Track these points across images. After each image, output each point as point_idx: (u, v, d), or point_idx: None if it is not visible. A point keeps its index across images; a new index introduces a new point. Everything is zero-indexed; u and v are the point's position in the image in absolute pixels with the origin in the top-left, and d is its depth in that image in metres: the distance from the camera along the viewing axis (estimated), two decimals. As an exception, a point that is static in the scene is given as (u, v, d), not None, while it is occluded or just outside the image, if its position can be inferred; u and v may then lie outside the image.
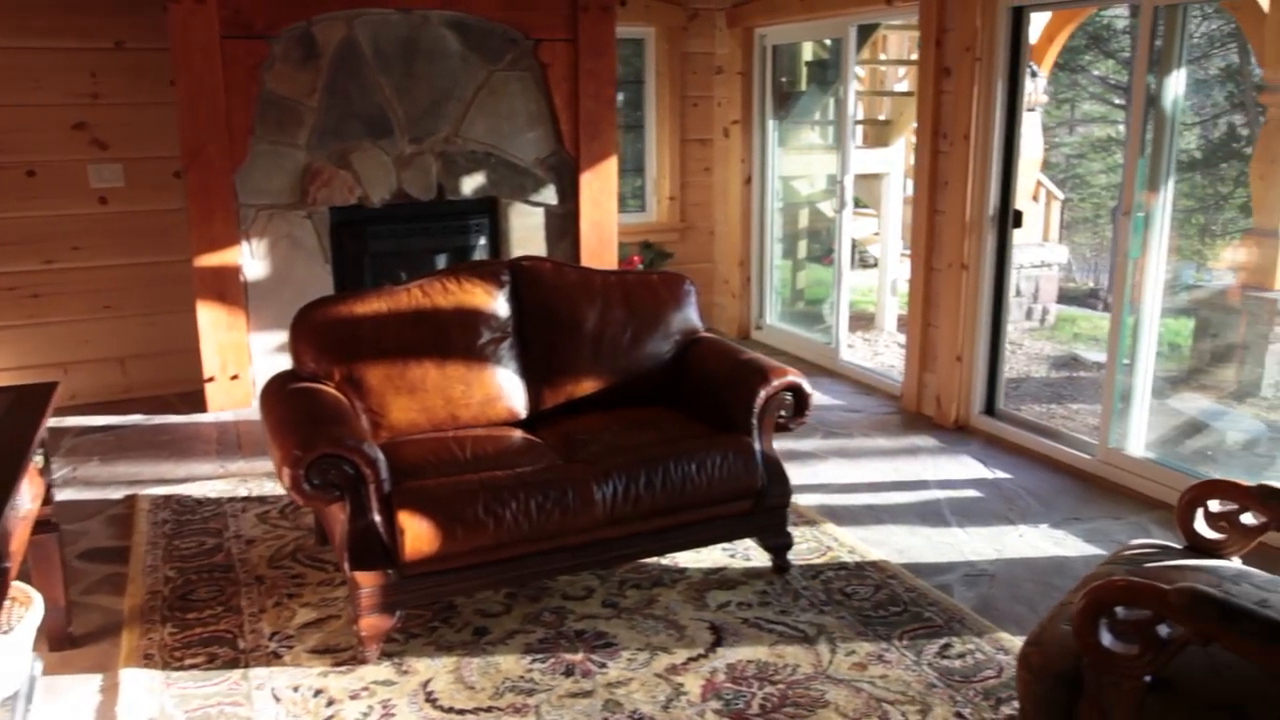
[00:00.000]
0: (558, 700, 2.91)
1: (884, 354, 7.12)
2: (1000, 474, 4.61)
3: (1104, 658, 2.04)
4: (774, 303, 7.08)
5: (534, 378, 3.76)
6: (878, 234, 8.39)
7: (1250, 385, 6.02)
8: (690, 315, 3.98)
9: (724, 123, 6.96)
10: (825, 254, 7.46)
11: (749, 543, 3.79)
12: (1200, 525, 2.59)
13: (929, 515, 4.17)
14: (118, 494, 4.40)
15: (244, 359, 5.48)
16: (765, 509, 3.54)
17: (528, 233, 6.08)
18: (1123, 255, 4.44)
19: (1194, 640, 1.96)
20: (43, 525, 3.02)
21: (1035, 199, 8.59)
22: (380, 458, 3.07)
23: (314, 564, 3.74)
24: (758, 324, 7.08)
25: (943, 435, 5.11)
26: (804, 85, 7.35)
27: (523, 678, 3.03)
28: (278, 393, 3.43)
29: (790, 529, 3.84)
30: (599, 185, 6.11)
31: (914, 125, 5.56)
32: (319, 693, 2.95)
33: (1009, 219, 5.00)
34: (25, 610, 2.82)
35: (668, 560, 3.72)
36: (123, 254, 5.53)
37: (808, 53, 7.33)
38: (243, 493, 4.41)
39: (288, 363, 3.68)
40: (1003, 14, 4.79)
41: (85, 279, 5.49)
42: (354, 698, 2.93)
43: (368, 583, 3.04)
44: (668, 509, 3.36)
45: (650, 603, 3.44)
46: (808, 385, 3.58)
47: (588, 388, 3.79)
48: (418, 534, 3.03)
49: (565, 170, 6.07)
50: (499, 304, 3.73)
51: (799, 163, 7.45)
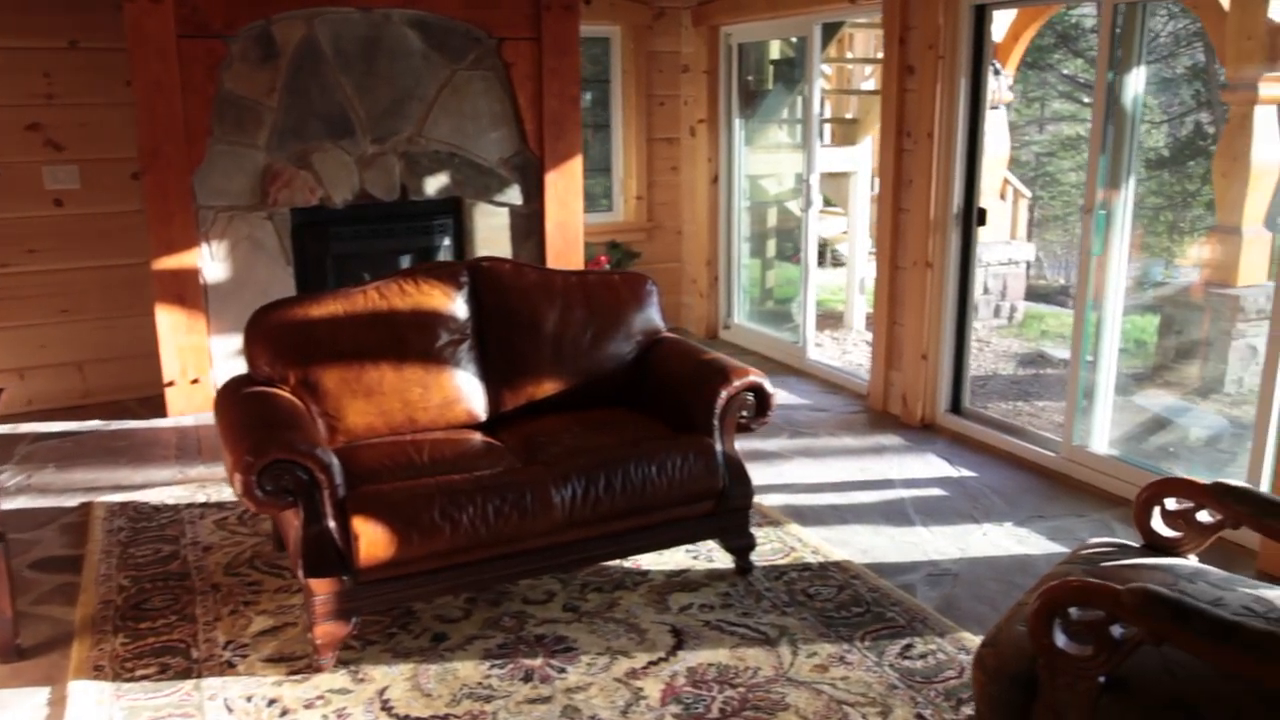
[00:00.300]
0: (515, 707, 2.87)
1: (852, 352, 7.11)
2: (965, 472, 4.61)
3: (1058, 659, 2.02)
4: (742, 302, 7.06)
5: (493, 380, 3.72)
6: (846, 232, 8.39)
7: (1214, 381, 6.05)
8: (652, 315, 3.95)
9: (690, 122, 6.94)
10: (794, 253, 7.44)
11: (712, 544, 3.76)
12: (1157, 523, 2.59)
13: (894, 515, 4.16)
14: (73, 501, 4.33)
15: (204, 363, 5.41)
16: (727, 510, 3.52)
17: (493, 233, 6.03)
18: (1085, 253, 4.44)
19: (1147, 640, 1.94)
20: (-13, 535, 2.96)
21: (1003, 197, 8.62)
22: (334, 462, 3.02)
23: (271, 570, 3.68)
24: (725, 323, 7.06)
25: (909, 434, 5.11)
26: (770, 84, 7.33)
27: (480, 684, 2.99)
28: (231, 397, 3.37)
29: (754, 530, 3.82)
30: (564, 185, 6.08)
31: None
32: (273, 702, 2.90)
33: (973, 217, 5.01)
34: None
35: (630, 562, 3.69)
36: (80, 257, 5.44)
37: (774, 51, 7.32)
38: (201, 499, 4.34)
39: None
40: (965, 12, 4.79)
41: (41, 282, 5.39)
42: (308, 707, 2.88)
43: (322, 590, 2.99)
44: (628, 511, 3.32)
45: (611, 606, 3.41)
46: (769, 385, 3.55)
47: (548, 389, 3.75)
48: (373, 539, 2.98)
49: (530, 170, 6.02)
50: (457, 305, 3.68)
51: (767, 162, 7.43)
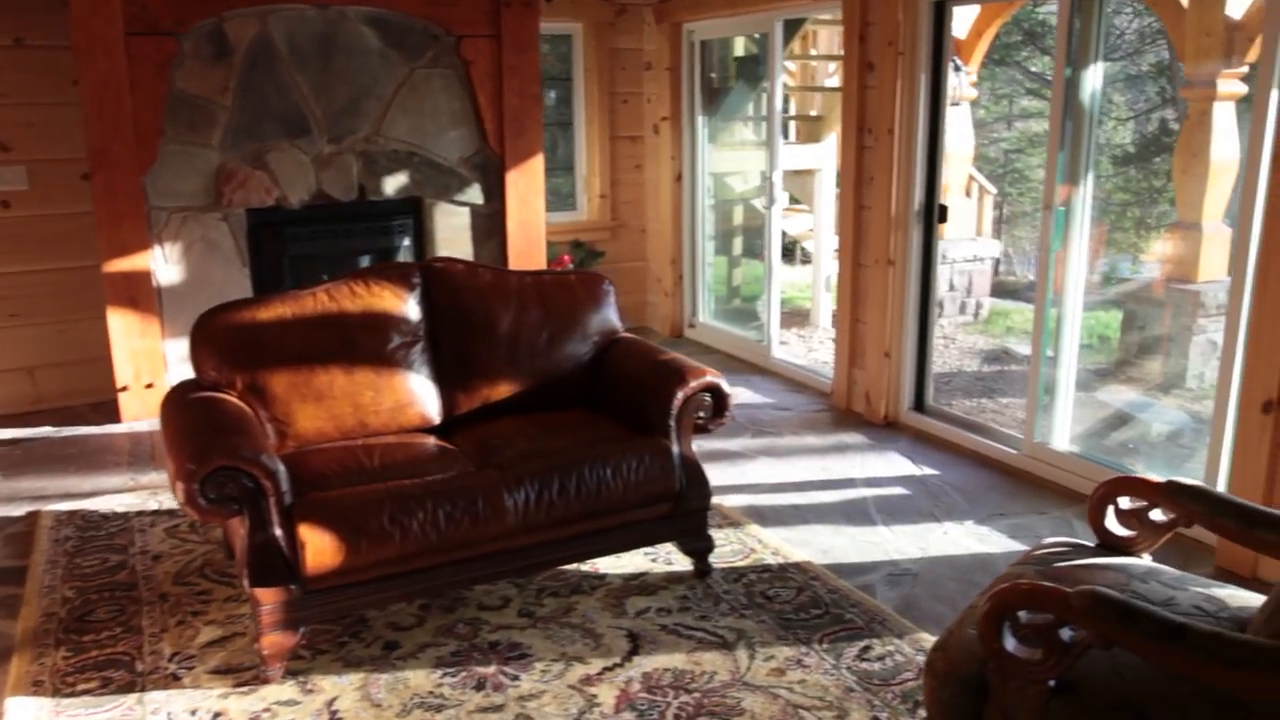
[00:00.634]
0: (467, 716, 2.81)
1: (818, 350, 7.09)
2: (928, 470, 4.59)
3: (1008, 662, 1.99)
4: (707, 300, 7.03)
5: (447, 382, 3.66)
6: (814, 230, 8.37)
7: (1175, 377, 6.07)
8: (609, 315, 3.91)
9: (654, 119, 6.89)
10: (761, 251, 7.41)
11: (671, 547, 3.72)
12: (1112, 522, 2.57)
13: (855, 514, 4.13)
14: (19, 510, 4.23)
15: (158, 367, 5.31)
16: (685, 512, 3.48)
17: (453, 233, 5.97)
18: (1045, 249, 4.43)
19: (1096, 643, 1.92)
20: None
21: (968, 194, 8.63)
22: (280, 469, 2.95)
23: (222, 579, 3.61)
24: (691, 322, 7.02)
25: (872, 432, 5.08)
26: (733, 81, 7.30)
27: (432, 693, 2.93)
28: (176, 403, 3.29)
29: (714, 531, 3.79)
30: (525, 184, 6.02)
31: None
32: (218, 716, 2.83)
33: (934, 214, 4.99)
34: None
35: (588, 566, 3.64)
36: (29, 260, 5.32)
37: (738, 48, 7.28)
38: (153, 506, 4.25)
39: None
40: (925, 8, 4.77)
41: (-11, 286, 5.29)
42: (254, 720, 2.82)
43: (269, 599, 2.92)
44: (583, 515, 3.28)
45: (568, 611, 3.36)
46: (726, 385, 3.52)
47: (503, 391, 3.70)
48: (320, 547, 2.92)
49: (491, 169, 5.96)
50: (409, 307, 3.62)
51: (732, 159, 7.40)
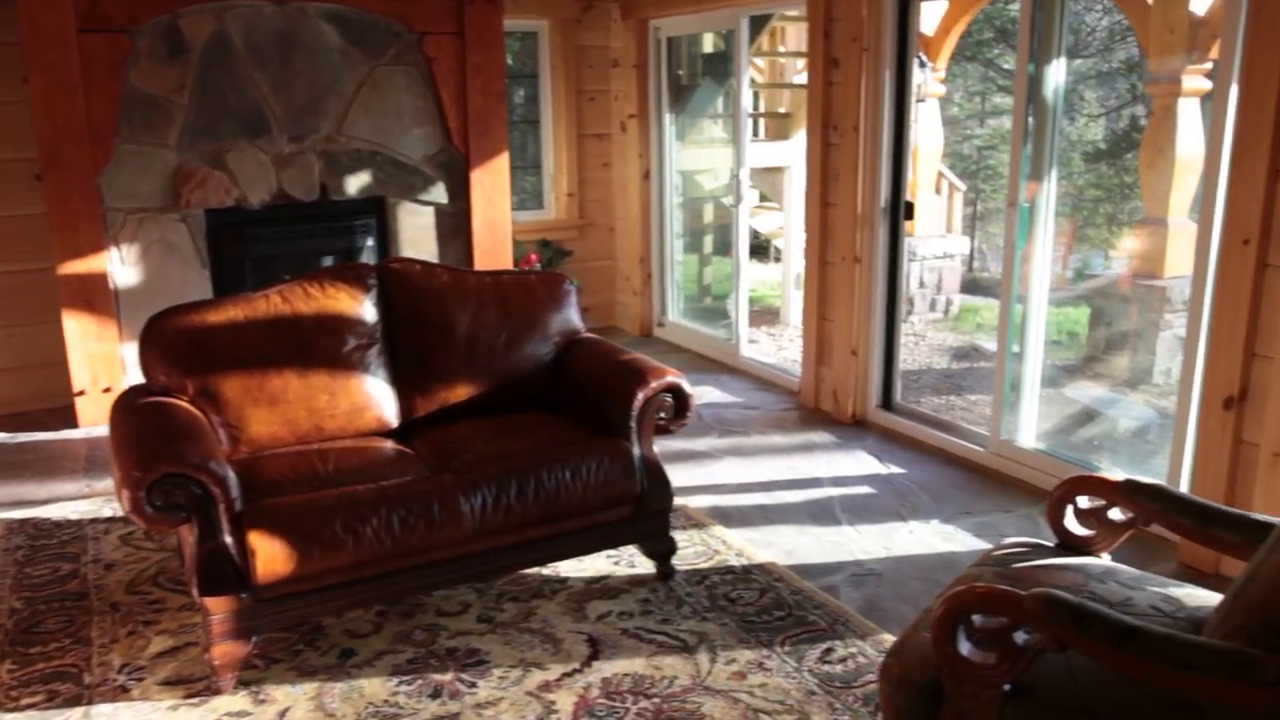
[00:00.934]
0: (421, 726, 2.77)
1: (788, 348, 7.07)
2: (894, 469, 4.56)
3: (962, 667, 1.96)
4: (676, 299, 6.99)
5: (405, 385, 3.60)
6: (783, 227, 8.35)
7: (1142, 373, 6.08)
8: (570, 316, 3.86)
9: (621, 117, 6.85)
10: (731, 249, 7.38)
11: (634, 549, 3.68)
12: (1071, 522, 2.54)
13: (820, 514, 4.10)
14: (-30, 518, 4.14)
15: (116, 371, 5.22)
16: (646, 515, 3.43)
17: (418, 233, 5.90)
18: (1009, 246, 4.42)
19: (1050, 647, 1.89)
20: None
21: (938, 191, 8.63)
22: (230, 475, 2.89)
23: (176, 588, 3.54)
24: (660, 321, 6.98)
25: (839, 431, 5.06)
26: (701, 78, 7.26)
27: (387, 701, 2.87)
28: (125, 409, 3.24)
29: (679, 532, 3.76)
30: (490, 183, 5.96)
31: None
32: (166, 728, 2.77)
33: (900, 211, 4.97)
34: None
35: (549, 570, 3.59)
36: (-19, 262, 5.23)
37: (707, 44, 7.24)
38: (108, 513, 4.17)
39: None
40: (889, 4, 4.74)
41: (-59, 290, 5.19)
42: (203, 732, 2.76)
43: (219, 609, 2.86)
44: (542, 519, 3.23)
45: (528, 616, 3.31)
46: (688, 386, 3.47)
47: (462, 394, 3.64)
48: (270, 555, 2.86)
49: (455, 168, 5.89)
50: (365, 308, 3.56)
51: (701, 157, 7.36)
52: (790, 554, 3.75)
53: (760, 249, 10.65)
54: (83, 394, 5.15)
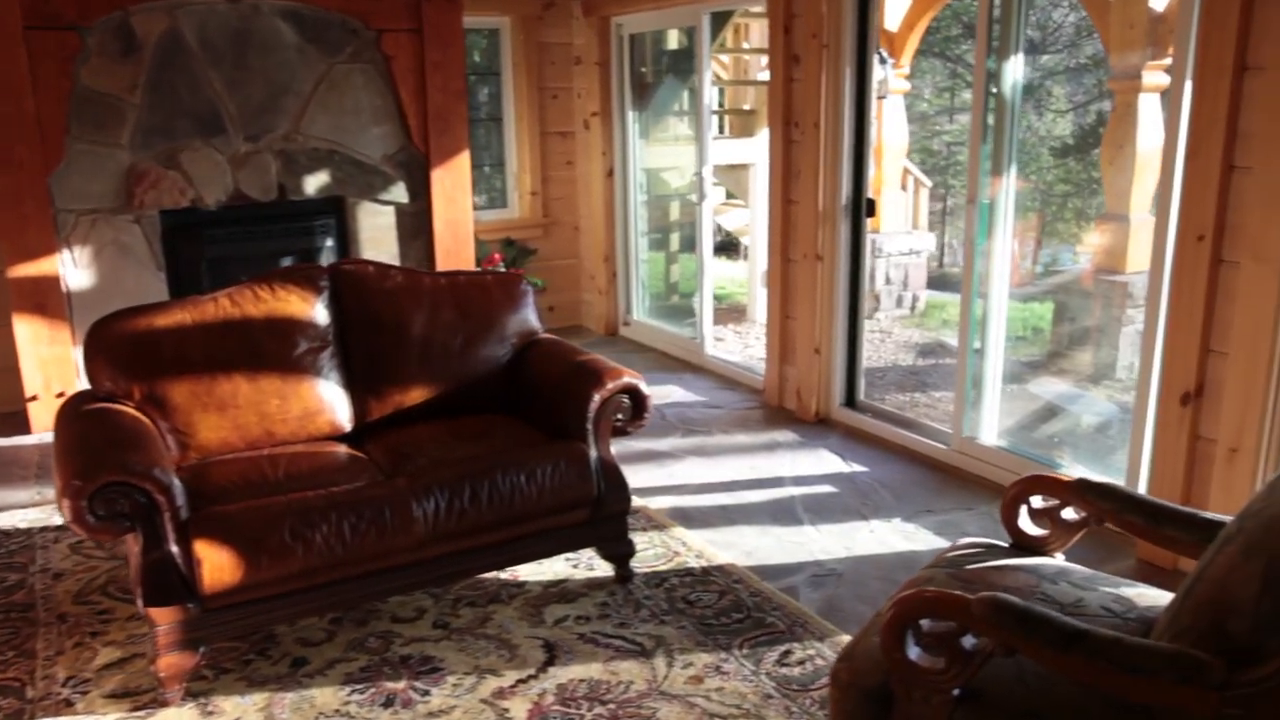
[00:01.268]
0: (372, 736, 2.72)
1: (754, 346, 7.05)
2: (857, 467, 4.55)
3: (911, 672, 1.94)
4: (642, 298, 6.95)
5: (358, 388, 3.54)
6: (749, 224, 8.33)
7: (1105, 368, 6.11)
8: (527, 316, 3.81)
9: (584, 115, 6.80)
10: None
11: (593, 551, 3.64)
12: (1025, 522, 2.53)
13: (782, 514, 4.08)
14: (-85, 528, 4.05)
15: (70, 375, 5.12)
16: (603, 517, 3.39)
17: (379, 233, 5.84)
18: (969, 243, 4.41)
19: (999, 651, 1.87)
20: None
21: (904, 187, 8.64)
22: (175, 483, 2.82)
23: (125, 597, 3.46)
24: (625, 320, 6.94)
25: (803, 429, 5.04)
26: (663, 75, 7.23)
27: (338, 711, 2.82)
28: (69, 416, 3.15)
29: (638, 534, 3.73)
30: (452, 181, 5.90)
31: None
32: (110, 743, 2.71)
33: (862, 208, 4.95)
34: None
35: (507, 574, 3.55)
36: (-71, 265, 5.11)
37: (671, 41, 7.21)
38: (58, 521, 4.09)
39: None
40: (849, 0, 4.72)
41: (-112, 294, 5.07)
42: (148, 746, 2.70)
43: (164, 619, 2.80)
44: (497, 523, 3.18)
45: (484, 621, 3.27)
46: (645, 387, 3.44)
47: (417, 397, 3.59)
48: (217, 564, 2.80)
49: (415, 167, 5.83)
50: (317, 311, 3.50)
51: (667, 154, 7.34)
52: (750, 555, 3.72)
53: (731, 246, 10.64)
54: (35, 399, 5.06)
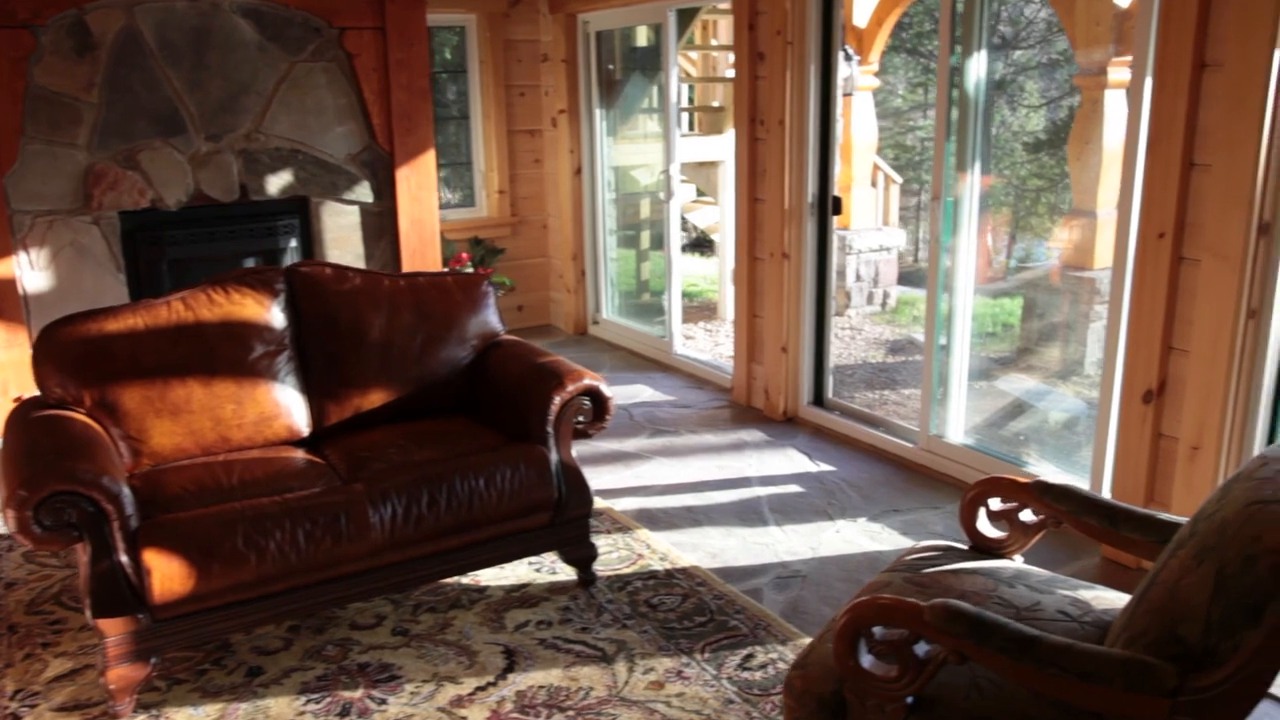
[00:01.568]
0: (327, 747, 2.68)
1: (724, 344, 7.03)
2: (825, 467, 4.53)
3: (864, 680, 1.91)
4: (611, 296, 6.92)
5: (316, 392, 3.49)
6: (719, 222, 8.31)
7: (1073, 364, 6.12)
8: (488, 318, 3.77)
9: (552, 112, 6.75)
10: (667, 244, 7.31)
11: (556, 555, 3.61)
12: (984, 524, 2.52)
13: (747, 514, 4.06)
14: None
15: (28, 380, 5.01)
16: (565, 521, 3.36)
17: (343, 233, 5.77)
18: (934, 240, 4.40)
19: (951, 658, 1.85)
20: None
21: (874, 184, 8.63)
22: (124, 492, 2.77)
23: (78, 607, 3.40)
24: (594, 319, 6.90)
25: (771, 428, 5.02)
26: (631, 73, 7.19)
27: (293, 723, 2.78)
28: (18, 423, 3.09)
29: (602, 536, 3.71)
30: (417, 181, 5.84)
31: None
32: (58, 757, 2.66)
33: (829, 206, 4.94)
34: None
35: (469, 579, 3.51)
36: (-118, 269, 5.01)
37: (639, 38, 7.17)
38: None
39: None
40: (813, -3, 4.70)
41: None
42: (97, 761, 2.64)
43: (114, 630, 2.75)
44: (456, 528, 3.15)
45: (444, 627, 3.23)
46: (606, 389, 3.40)
47: (376, 400, 3.54)
48: (168, 573, 2.75)
49: (380, 166, 5.77)
50: (273, 314, 3.44)
51: (635, 152, 7.29)
52: (715, 556, 3.70)
53: (704, 243, 10.62)
54: (-9, 404, 4.98)
